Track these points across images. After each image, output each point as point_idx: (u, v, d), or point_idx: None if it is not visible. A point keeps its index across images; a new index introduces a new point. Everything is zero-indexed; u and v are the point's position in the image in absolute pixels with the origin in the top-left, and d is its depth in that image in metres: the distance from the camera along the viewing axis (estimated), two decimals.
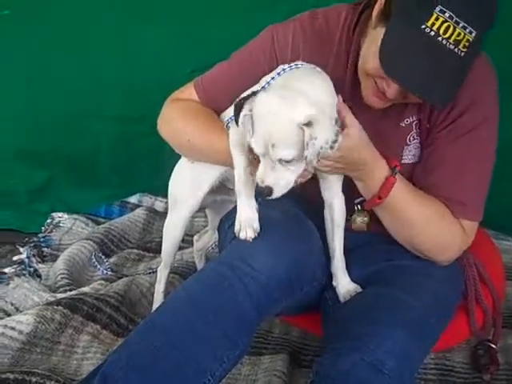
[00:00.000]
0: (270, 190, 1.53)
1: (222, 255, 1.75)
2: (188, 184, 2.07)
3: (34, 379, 1.90)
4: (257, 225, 1.68)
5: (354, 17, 1.85)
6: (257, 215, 1.68)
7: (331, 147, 1.50)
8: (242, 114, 1.54)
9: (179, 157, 3.00)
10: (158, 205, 3.23)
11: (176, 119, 2.02)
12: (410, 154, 1.88)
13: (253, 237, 1.66)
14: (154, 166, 3.13)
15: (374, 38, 1.68)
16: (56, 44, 2.93)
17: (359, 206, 1.91)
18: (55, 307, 2.18)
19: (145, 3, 2.87)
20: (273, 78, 1.70)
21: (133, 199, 3.24)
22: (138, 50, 2.94)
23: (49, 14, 2.90)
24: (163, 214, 3.11)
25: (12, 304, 2.33)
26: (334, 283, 1.87)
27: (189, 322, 1.58)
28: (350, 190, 1.82)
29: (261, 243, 1.66)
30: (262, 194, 1.54)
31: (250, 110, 1.53)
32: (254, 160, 1.65)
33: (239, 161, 1.70)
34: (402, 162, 1.87)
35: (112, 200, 3.23)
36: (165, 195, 3.15)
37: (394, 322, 1.68)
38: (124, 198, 3.25)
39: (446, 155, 1.81)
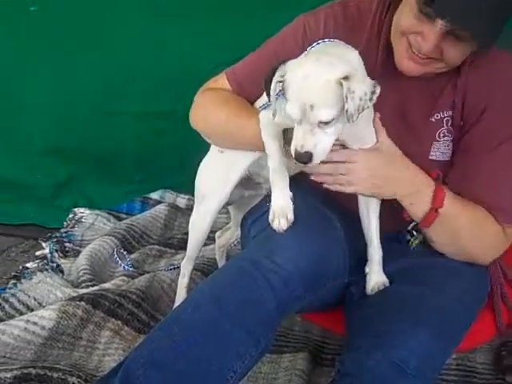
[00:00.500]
0: (309, 156, 1.51)
1: (245, 251, 1.74)
2: (216, 177, 2.05)
3: (55, 375, 1.91)
4: (291, 215, 1.67)
5: (386, 3, 1.84)
6: (291, 205, 1.67)
7: (370, 99, 1.49)
8: (273, 81, 1.53)
9: (202, 153, 3.01)
10: (180, 201, 3.24)
11: (208, 106, 2.02)
12: (438, 151, 1.86)
13: (285, 228, 1.65)
14: (176, 163, 3.15)
15: (405, 2, 1.68)
16: (81, 40, 2.95)
17: (414, 232, 1.90)
18: (77, 303, 2.19)
19: (168, 1, 2.88)
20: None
21: (155, 195, 3.24)
22: (163, 45, 2.94)
23: (75, 10, 2.92)
24: (185, 211, 3.14)
25: (35, 299, 2.34)
26: (367, 269, 1.84)
27: (211, 319, 1.57)
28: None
29: (284, 239, 1.65)
30: (301, 161, 1.52)
31: (282, 76, 1.52)
32: (287, 150, 1.65)
33: (273, 150, 1.69)
34: (430, 157, 1.85)
35: (134, 196, 3.24)
36: (187, 192, 3.22)
37: (418, 321, 1.66)
38: (146, 194, 3.25)
39: (485, 163, 1.79)
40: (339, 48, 1.66)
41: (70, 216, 3.10)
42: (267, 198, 1.99)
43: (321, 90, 1.49)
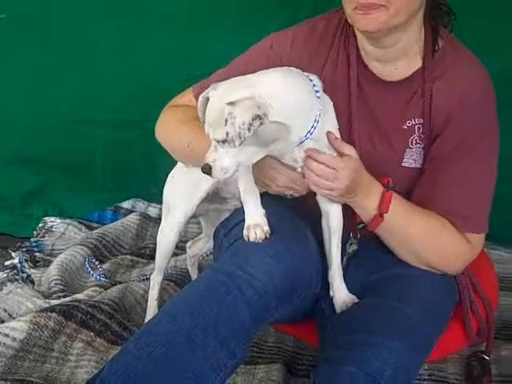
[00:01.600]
0: (208, 168, 1.59)
1: (220, 262, 1.74)
2: (183, 190, 2.09)
3: None
4: (267, 228, 1.70)
5: None
6: (266, 220, 1.71)
7: (248, 129, 1.51)
8: (200, 100, 1.63)
9: (174, 163, 3.01)
10: (152, 210, 3.21)
11: (174, 124, 2.03)
12: (410, 159, 1.88)
13: (263, 237, 1.68)
14: (147, 172, 3.15)
15: None
16: (52, 48, 2.92)
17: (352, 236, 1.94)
18: (49, 314, 2.16)
19: (142, 9, 2.87)
20: None
21: (126, 204, 3.22)
22: (134, 55, 2.93)
23: (46, 18, 2.89)
24: (156, 220, 3.11)
25: (5, 310, 2.31)
26: (331, 293, 1.86)
27: (186, 332, 1.57)
28: (348, 218, 1.84)
29: (258, 250, 1.67)
30: (203, 171, 1.61)
31: (208, 98, 1.60)
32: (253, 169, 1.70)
33: (243, 173, 1.72)
34: (402, 165, 1.88)
35: (105, 205, 3.21)
36: (158, 201, 3.17)
37: (389, 332, 1.68)
38: (117, 203, 3.23)
39: (448, 173, 1.82)
40: (276, 73, 1.68)
41: (40, 225, 3.05)
42: (239, 210, 2.03)
43: (215, 112, 1.57)
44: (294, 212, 1.88)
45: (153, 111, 2.98)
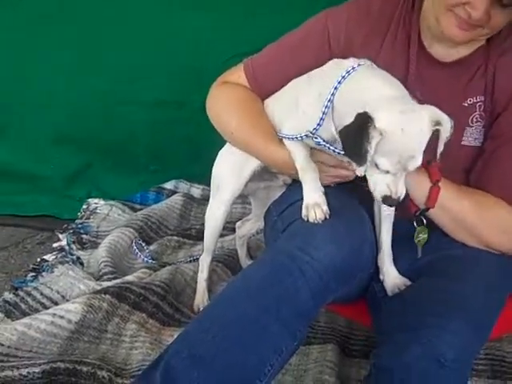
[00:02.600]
0: (399, 199, 1.57)
1: (279, 244, 1.73)
2: (231, 168, 2.09)
3: (85, 368, 1.90)
4: (326, 207, 1.68)
5: None
6: (324, 199, 1.69)
7: (451, 134, 1.56)
8: (372, 144, 1.49)
9: (216, 143, 3.00)
10: (195, 191, 3.22)
11: (222, 107, 2.04)
12: (470, 137, 1.86)
13: (323, 218, 1.66)
14: (190, 153, 3.15)
15: None
16: (94, 30, 2.93)
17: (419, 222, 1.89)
18: (103, 296, 2.17)
19: None
20: (339, 82, 1.66)
21: (169, 185, 3.22)
22: (178, 34, 2.92)
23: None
24: (200, 201, 3.13)
25: (58, 292, 2.32)
26: (381, 276, 1.86)
27: (248, 314, 1.57)
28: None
29: (319, 231, 1.65)
30: (391, 204, 1.59)
31: (381, 134, 1.49)
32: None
33: (300, 151, 1.73)
34: (462, 143, 1.86)
35: (148, 186, 3.21)
36: (201, 181, 3.21)
37: (451, 314, 1.66)
38: (160, 184, 3.23)
39: (508, 151, 1.81)
40: (389, 80, 1.65)
41: (84, 207, 3.07)
42: (290, 187, 2.01)
43: (421, 142, 1.52)
44: (349, 193, 1.86)
45: (196, 92, 2.99)
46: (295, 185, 1.99)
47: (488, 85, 1.80)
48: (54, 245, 2.75)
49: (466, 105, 1.84)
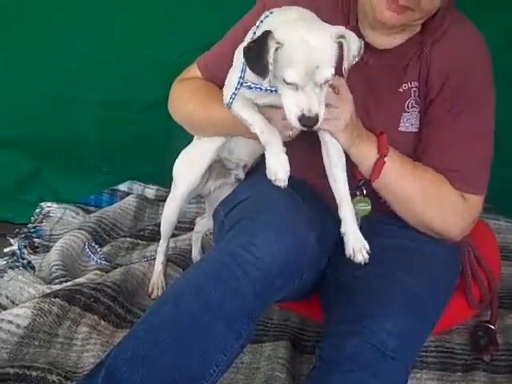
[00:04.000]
0: (317, 117, 1.55)
1: (223, 243, 1.73)
2: (186, 164, 2.14)
3: (34, 373, 1.88)
4: (288, 168, 1.68)
5: None
6: (287, 159, 1.69)
7: (359, 53, 1.58)
8: (270, 51, 1.51)
9: (170, 143, 3.00)
10: (149, 192, 3.19)
11: (179, 97, 2.09)
12: (407, 123, 1.89)
13: (286, 183, 1.68)
14: (143, 153, 3.12)
15: None
16: (42, 28, 2.87)
17: (360, 191, 1.90)
18: (52, 299, 2.15)
19: None
20: (257, 27, 1.71)
21: (122, 187, 3.19)
22: (126, 34, 2.88)
23: None
24: (154, 202, 3.12)
25: (7, 297, 2.28)
26: (343, 229, 1.83)
27: (192, 313, 1.57)
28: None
29: (261, 231, 1.65)
30: (309, 124, 1.56)
31: (278, 43, 1.52)
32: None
33: (254, 116, 1.73)
34: (399, 129, 1.89)
35: (101, 188, 3.18)
36: (155, 182, 3.18)
37: (393, 303, 1.70)
38: (113, 185, 3.19)
39: (445, 134, 1.84)
40: (304, 12, 1.70)
41: (38, 210, 3.02)
42: (238, 187, 2.02)
43: (325, 51, 1.54)
44: (290, 184, 1.86)
45: (145, 91, 3.00)
46: (242, 184, 2.06)
47: (422, 71, 1.84)
48: (6, 249, 2.70)
49: (401, 90, 1.87)
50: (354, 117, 1.76)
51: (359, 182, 1.88)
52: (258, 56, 1.53)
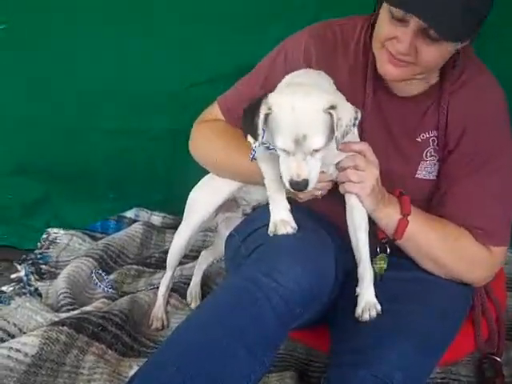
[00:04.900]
0: (306, 183, 1.57)
1: (245, 269, 1.73)
2: (203, 195, 2.17)
3: None
4: (294, 224, 1.72)
5: (369, 23, 1.89)
6: (291, 216, 1.73)
7: (354, 124, 1.58)
8: (260, 116, 1.55)
9: (176, 172, 3.03)
10: (155, 219, 3.20)
11: (203, 141, 2.10)
12: (425, 171, 1.90)
13: (290, 232, 1.70)
14: (149, 181, 3.14)
15: (380, 14, 1.74)
16: (52, 57, 2.89)
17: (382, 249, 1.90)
18: (60, 328, 2.14)
19: (143, 16, 2.84)
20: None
21: (129, 214, 3.20)
22: (136, 63, 2.91)
23: (46, 26, 2.86)
24: (160, 229, 3.13)
25: (15, 325, 2.28)
26: (358, 290, 1.83)
27: (214, 341, 1.57)
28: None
29: (285, 256, 1.66)
30: (297, 189, 1.59)
31: (269, 109, 1.55)
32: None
33: (268, 170, 1.76)
34: (416, 176, 1.90)
35: (108, 215, 3.19)
36: (161, 210, 3.20)
37: (399, 335, 1.70)
38: (120, 212, 3.21)
39: (464, 188, 1.85)
40: (311, 77, 1.74)
41: (44, 236, 3.03)
42: (253, 214, 2.04)
43: (312, 121, 1.55)
44: (309, 215, 1.88)
45: (155, 119, 3.02)
46: (258, 211, 2.05)
47: (441, 120, 1.85)
48: (12, 276, 2.71)
49: (420, 140, 1.89)
50: (379, 180, 1.77)
51: (382, 240, 1.88)
52: (251, 118, 1.57)
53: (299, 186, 1.57)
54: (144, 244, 3.03)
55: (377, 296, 1.81)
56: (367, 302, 1.80)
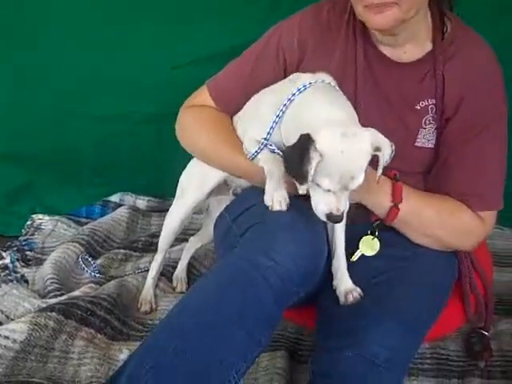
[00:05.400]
0: (343, 215, 1.60)
1: (240, 249, 1.72)
2: (197, 176, 2.14)
3: None
4: (287, 198, 1.69)
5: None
6: (287, 195, 1.70)
7: (390, 157, 1.61)
8: (313, 164, 1.53)
9: (160, 156, 3.02)
10: (140, 203, 3.18)
11: (191, 129, 2.06)
12: (424, 138, 1.90)
13: (285, 208, 1.67)
14: (134, 165, 3.13)
15: None
16: (37, 43, 2.87)
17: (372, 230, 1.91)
18: (48, 313, 2.14)
19: (126, 2, 2.82)
20: (289, 99, 1.73)
21: (114, 198, 3.18)
22: (119, 48, 2.88)
23: (34, 12, 2.83)
24: (146, 212, 3.12)
25: (2, 312, 2.27)
26: (334, 283, 1.85)
27: (212, 322, 1.56)
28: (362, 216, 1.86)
29: (282, 235, 1.65)
30: (335, 221, 1.62)
31: (320, 155, 1.53)
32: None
33: (273, 171, 1.72)
34: (416, 144, 1.90)
35: (93, 200, 3.17)
36: (146, 193, 3.19)
37: (383, 314, 1.71)
38: (105, 197, 3.19)
39: (462, 154, 1.85)
40: (337, 102, 1.70)
41: (29, 223, 3.01)
42: (244, 193, 2.05)
43: (360, 164, 1.57)
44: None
45: (137, 104, 3.01)
46: (249, 191, 2.02)
47: (438, 88, 1.85)
48: None
49: (419, 108, 1.88)
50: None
51: (375, 222, 1.89)
52: (298, 165, 1.54)
53: (337, 218, 1.60)
54: (130, 228, 3.01)
55: (360, 275, 1.83)
56: (346, 289, 1.81)
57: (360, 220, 1.89)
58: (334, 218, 1.60)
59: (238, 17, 2.76)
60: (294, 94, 1.72)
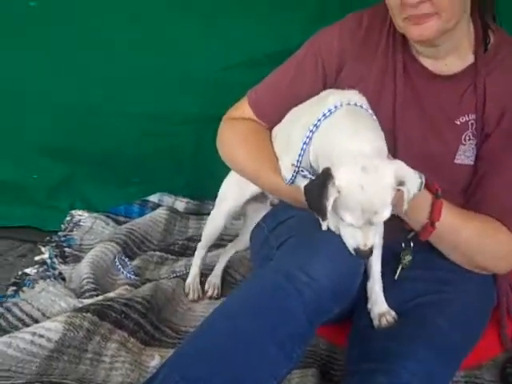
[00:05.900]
0: (372, 250, 1.58)
1: (277, 262, 1.71)
2: (237, 183, 2.15)
3: None
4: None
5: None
6: None
7: (419, 189, 1.56)
8: (330, 200, 1.51)
9: (200, 157, 3.02)
10: (179, 205, 3.20)
11: (230, 144, 2.06)
12: (463, 155, 1.86)
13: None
14: (174, 165, 3.14)
15: None
16: (82, 38, 2.90)
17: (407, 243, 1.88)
18: (84, 314, 2.15)
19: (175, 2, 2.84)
20: (319, 120, 1.69)
21: (153, 198, 3.20)
22: (163, 48, 2.90)
23: (75, 7, 2.86)
24: (184, 215, 3.13)
25: (38, 309, 2.30)
26: (369, 306, 1.83)
27: (244, 335, 1.55)
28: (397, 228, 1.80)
29: (319, 251, 1.63)
30: (364, 256, 1.60)
31: (338, 191, 1.51)
32: None
33: None
34: (456, 161, 1.86)
35: (132, 198, 3.20)
36: (185, 195, 3.19)
37: (417, 343, 1.67)
38: (143, 196, 3.21)
39: (503, 169, 1.81)
40: (365, 131, 1.65)
41: (68, 219, 3.04)
42: (280, 204, 2.04)
43: (382, 199, 1.53)
44: None
45: (181, 104, 3.01)
46: (286, 202, 1.99)
47: (479, 103, 1.81)
48: (36, 258, 2.72)
49: (459, 123, 1.84)
50: None
51: (408, 234, 1.86)
52: (317, 200, 1.53)
53: (364, 253, 1.58)
54: (167, 230, 3.02)
55: (395, 298, 1.81)
56: (380, 312, 1.79)
57: (391, 236, 1.84)
58: (361, 253, 1.58)
59: (286, 22, 2.76)
60: (319, 120, 1.69)
